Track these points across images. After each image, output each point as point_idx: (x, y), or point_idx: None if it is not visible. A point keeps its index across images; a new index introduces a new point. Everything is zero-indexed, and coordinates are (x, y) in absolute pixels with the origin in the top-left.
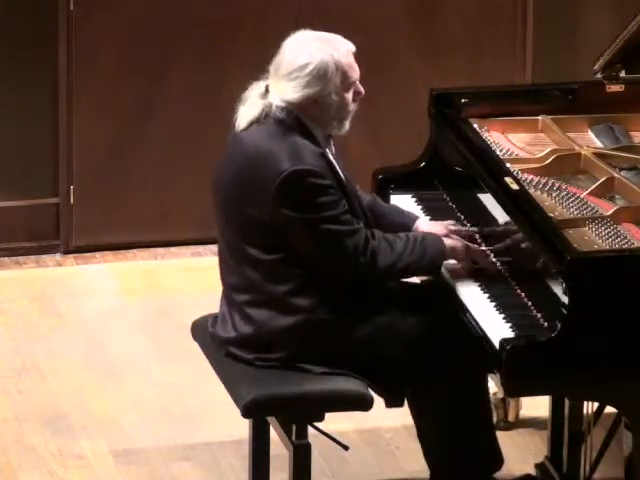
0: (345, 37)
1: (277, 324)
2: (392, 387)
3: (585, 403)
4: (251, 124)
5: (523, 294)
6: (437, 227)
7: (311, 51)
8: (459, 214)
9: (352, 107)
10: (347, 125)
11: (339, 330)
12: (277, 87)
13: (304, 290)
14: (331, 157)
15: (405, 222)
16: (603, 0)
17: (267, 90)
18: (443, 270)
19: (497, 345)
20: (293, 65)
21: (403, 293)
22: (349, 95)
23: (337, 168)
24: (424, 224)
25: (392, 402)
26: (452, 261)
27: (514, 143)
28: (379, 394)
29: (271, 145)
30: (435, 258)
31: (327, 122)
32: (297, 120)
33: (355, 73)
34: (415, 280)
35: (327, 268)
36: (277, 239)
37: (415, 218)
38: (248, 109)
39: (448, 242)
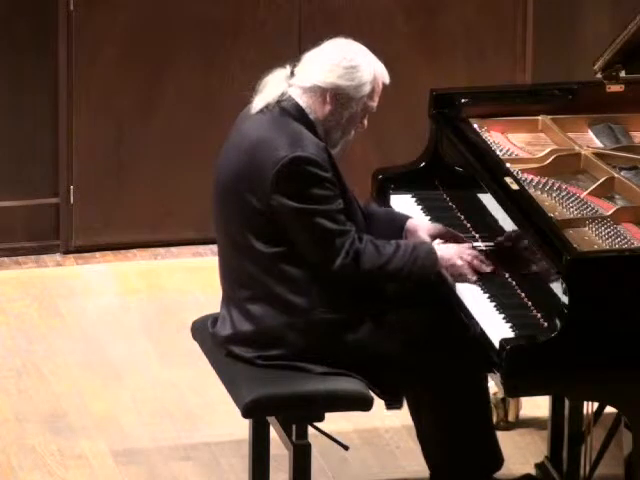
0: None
1: (275, 322)
2: (391, 389)
3: (585, 403)
4: (267, 106)
5: (523, 294)
6: (427, 226)
7: (359, 53)
8: (459, 214)
9: (353, 133)
10: (339, 148)
11: (337, 331)
12: (309, 68)
13: (303, 289)
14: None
15: (397, 219)
16: (603, 0)
17: (292, 74)
18: (443, 270)
19: (497, 345)
20: (341, 53)
21: (403, 294)
22: (359, 117)
23: (338, 167)
24: (414, 223)
25: (391, 404)
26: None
27: (514, 143)
28: (378, 396)
29: (272, 133)
30: (427, 266)
31: (332, 127)
32: (303, 114)
33: (376, 101)
34: None
35: (312, 262)
36: (276, 230)
37: (407, 217)
38: (267, 90)
39: (440, 252)
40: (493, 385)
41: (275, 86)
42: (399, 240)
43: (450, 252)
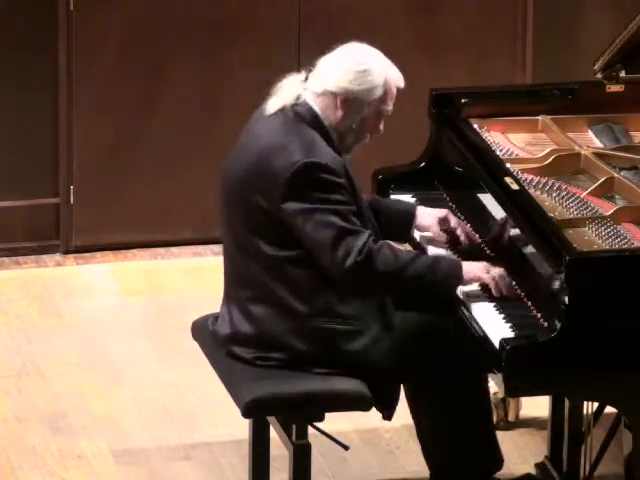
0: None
1: (276, 325)
2: (387, 398)
3: (585, 403)
4: (281, 109)
5: (523, 294)
6: (432, 216)
7: (372, 56)
8: (459, 214)
9: (367, 138)
10: (352, 152)
11: (338, 340)
12: (322, 73)
13: (306, 295)
14: (348, 166)
15: (406, 208)
16: (603, 0)
17: (307, 79)
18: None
19: (497, 345)
20: (353, 58)
21: (402, 297)
22: (373, 121)
23: (353, 178)
24: (422, 211)
25: (384, 414)
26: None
27: (514, 143)
28: (374, 404)
29: (285, 137)
30: (449, 280)
31: (345, 132)
32: (317, 119)
33: (391, 105)
34: None
35: (322, 264)
36: (283, 234)
37: (414, 206)
38: (282, 94)
39: (467, 266)
40: (493, 385)
41: (290, 90)
42: (421, 252)
43: (478, 268)
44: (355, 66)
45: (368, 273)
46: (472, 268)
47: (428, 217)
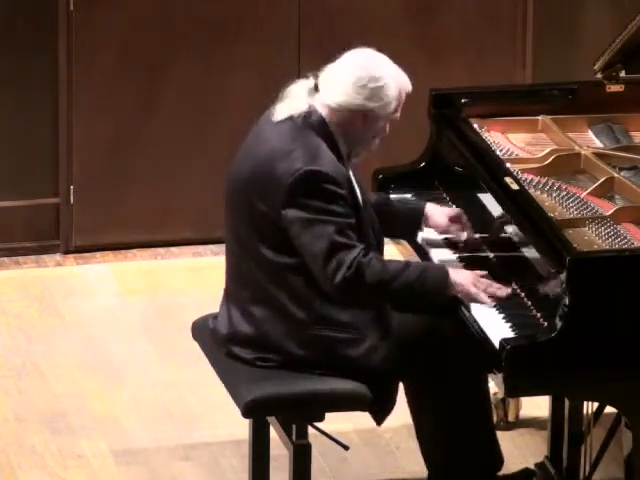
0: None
1: (275, 329)
2: (381, 403)
3: (585, 403)
4: (290, 117)
5: (523, 294)
6: (442, 215)
7: (384, 68)
8: None
9: (375, 143)
10: (360, 157)
11: (336, 347)
12: (335, 86)
13: (305, 302)
14: (352, 176)
15: (415, 207)
16: (603, 0)
17: (316, 89)
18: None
19: (497, 345)
20: (366, 73)
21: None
22: (382, 127)
23: (356, 189)
24: (432, 209)
25: (376, 418)
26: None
27: (514, 143)
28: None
29: (291, 144)
30: (438, 289)
31: (357, 143)
32: (327, 130)
33: (399, 112)
34: None
35: (315, 275)
36: (284, 239)
37: (423, 205)
38: (291, 102)
39: (454, 277)
40: (493, 385)
41: (300, 99)
42: (411, 261)
43: (465, 279)
44: (371, 83)
45: (357, 287)
46: (461, 281)
47: (440, 215)
